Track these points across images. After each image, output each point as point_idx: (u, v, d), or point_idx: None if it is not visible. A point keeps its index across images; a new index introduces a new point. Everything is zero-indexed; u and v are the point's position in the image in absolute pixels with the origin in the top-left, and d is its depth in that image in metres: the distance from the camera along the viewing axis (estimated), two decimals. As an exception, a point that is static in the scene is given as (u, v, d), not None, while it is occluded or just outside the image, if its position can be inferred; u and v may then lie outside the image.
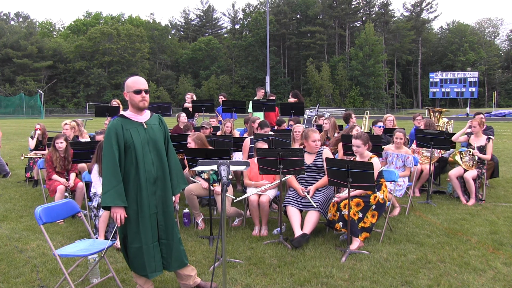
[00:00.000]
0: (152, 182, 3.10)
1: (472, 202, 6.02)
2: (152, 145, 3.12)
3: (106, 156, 3.03)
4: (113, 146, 3.01)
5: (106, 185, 2.98)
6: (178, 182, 3.29)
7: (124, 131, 3.05)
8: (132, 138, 3.05)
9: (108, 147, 3.02)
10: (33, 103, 45.64)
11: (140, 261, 3.09)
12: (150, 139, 3.12)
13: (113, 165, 3.00)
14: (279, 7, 66.80)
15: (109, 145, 3.02)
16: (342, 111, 49.17)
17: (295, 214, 4.62)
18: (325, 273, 3.73)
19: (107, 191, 2.97)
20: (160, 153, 3.17)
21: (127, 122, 3.10)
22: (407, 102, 66.67)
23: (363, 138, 4.74)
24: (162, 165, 3.16)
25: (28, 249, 4.38)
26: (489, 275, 3.68)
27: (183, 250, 3.28)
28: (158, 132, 3.19)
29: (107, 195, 2.96)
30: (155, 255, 3.12)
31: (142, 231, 3.06)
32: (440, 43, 68.37)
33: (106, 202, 2.97)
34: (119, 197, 2.97)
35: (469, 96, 47.96)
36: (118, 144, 3.03)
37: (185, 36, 77.34)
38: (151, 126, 3.17)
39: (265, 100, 8.90)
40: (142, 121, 3.14)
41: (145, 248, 3.07)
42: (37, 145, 7.80)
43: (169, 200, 3.20)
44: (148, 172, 3.08)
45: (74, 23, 68.29)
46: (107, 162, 3.02)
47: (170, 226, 3.18)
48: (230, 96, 53.95)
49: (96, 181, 4.82)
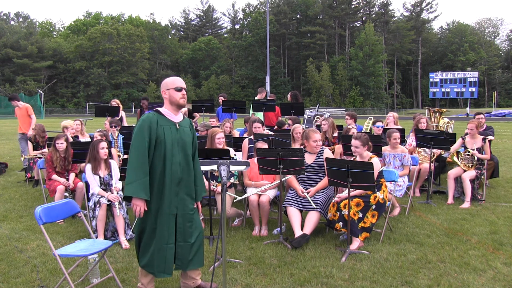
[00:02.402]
0: (176, 183, 3.10)
1: (467, 206, 5.93)
2: (181, 146, 3.14)
3: (136, 147, 3.01)
4: (145, 138, 3.01)
5: (132, 176, 2.96)
6: (201, 189, 3.31)
7: (158, 126, 3.07)
8: (164, 135, 3.07)
9: (140, 138, 3.01)
10: (33, 103, 45.47)
11: (150, 258, 3.08)
12: (181, 140, 3.15)
13: (143, 156, 2.99)
14: (279, 7, 66.81)
15: (142, 136, 3.02)
16: (342, 111, 49.26)
17: (295, 214, 4.62)
18: (325, 273, 3.73)
19: (132, 182, 2.94)
20: (187, 156, 3.19)
21: (162, 118, 3.12)
22: (407, 102, 66.70)
23: (363, 139, 4.74)
24: (188, 168, 3.18)
25: (28, 249, 4.38)
26: (489, 275, 3.68)
27: (203, 251, 3.29)
28: (188, 135, 3.22)
29: (132, 185, 2.94)
30: (167, 257, 3.09)
31: (158, 230, 3.06)
32: (440, 43, 68.39)
33: (129, 192, 2.94)
34: (144, 190, 2.96)
35: (469, 96, 48.00)
36: (150, 137, 3.03)
37: (185, 36, 77.35)
38: (183, 128, 3.20)
39: (265, 100, 8.90)
40: (176, 121, 3.17)
41: (158, 247, 3.06)
42: (35, 146, 7.79)
43: (190, 203, 3.19)
44: (174, 172, 3.08)
45: (74, 23, 68.26)
46: (136, 152, 3.00)
47: (188, 229, 3.16)
48: (230, 96, 53.96)
49: (91, 180, 4.81)
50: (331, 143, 6.72)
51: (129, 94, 58.45)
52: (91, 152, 4.88)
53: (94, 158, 4.86)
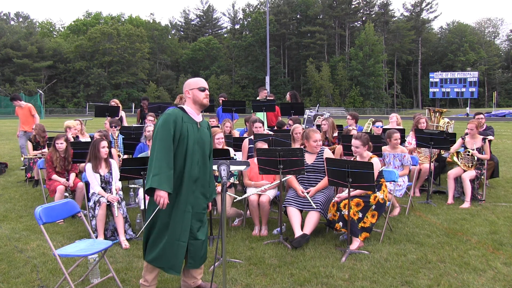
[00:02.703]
0: (193, 181, 3.12)
1: (467, 206, 5.94)
2: (200, 145, 3.17)
3: (161, 139, 3.00)
4: (171, 131, 3.02)
5: (157, 168, 2.94)
6: (213, 189, 3.37)
7: (183, 123, 3.09)
8: (187, 132, 3.09)
9: (166, 131, 3.01)
10: (33, 103, 45.33)
11: (160, 253, 3.08)
12: (200, 139, 3.18)
13: (168, 150, 3.00)
14: (279, 7, 66.84)
15: (167, 128, 3.02)
16: (342, 111, 49.29)
17: (296, 214, 4.62)
18: (325, 273, 3.73)
19: (157, 174, 2.92)
20: (205, 156, 3.24)
21: (186, 116, 3.15)
22: (407, 102, 66.72)
23: (363, 139, 4.74)
24: (204, 168, 3.21)
25: (28, 249, 4.38)
26: (489, 275, 3.68)
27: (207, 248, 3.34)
28: (206, 135, 3.28)
29: (157, 177, 2.92)
30: (178, 253, 3.10)
31: (171, 225, 3.07)
32: (440, 43, 68.42)
33: (154, 184, 2.91)
34: (167, 183, 2.96)
35: (469, 96, 48.02)
36: (174, 132, 3.04)
37: (185, 36, 77.37)
38: (203, 128, 3.25)
39: (265, 100, 8.90)
40: (197, 120, 3.21)
41: (169, 242, 3.07)
42: (35, 146, 7.80)
43: (203, 202, 3.23)
44: (192, 170, 3.10)
45: (74, 23, 68.29)
46: (161, 144, 2.99)
47: (201, 227, 3.19)
48: (230, 96, 53.95)
49: (92, 179, 4.81)
50: (331, 143, 6.72)
51: (129, 94, 58.47)
52: (92, 151, 4.89)
53: (95, 157, 4.86)
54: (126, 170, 4.57)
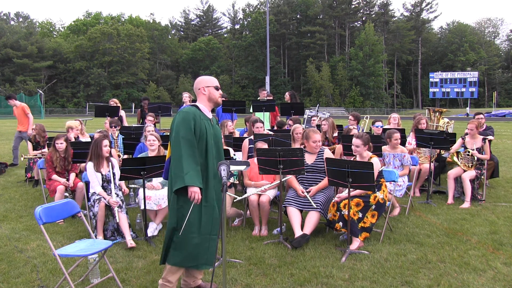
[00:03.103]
0: (213, 176, 3.16)
1: (467, 206, 5.94)
2: (215, 141, 3.23)
3: (184, 137, 3.01)
4: (191, 128, 3.04)
5: (186, 166, 2.95)
6: None
7: (201, 120, 3.13)
8: (206, 129, 3.13)
9: (187, 128, 3.03)
10: (33, 103, 45.53)
11: (193, 252, 3.07)
12: (215, 136, 3.24)
13: (193, 146, 3.03)
14: (279, 7, 66.82)
15: (188, 126, 3.04)
16: (342, 111, 49.29)
17: (296, 214, 4.62)
18: (325, 273, 3.73)
19: (188, 172, 2.95)
20: (220, 151, 3.31)
21: (201, 113, 3.18)
22: (407, 102, 66.70)
23: (364, 139, 4.74)
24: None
25: (28, 249, 4.38)
26: (489, 275, 3.68)
27: None
28: (219, 132, 3.38)
29: (189, 175, 2.94)
30: (209, 247, 3.12)
31: (203, 221, 3.08)
32: (440, 43, 68.40)
33: (188, 182, 2.93)
34: (199, 179, 3.00)
35: (469, 96, 48.01)
36: (194, 129, 3.07)
37: (185, 36, 77.35)
38: (215, 124, 3.32)
39: (265, 100, 8.90)
40: (209, 117, 3.26)
41: (202, 238, 3.07)
42: (35, 146, 7.80)
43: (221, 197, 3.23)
44: (213, 165, 3.15)
45: (74, 23, 68.26)
46: (186, 142, 3.01)
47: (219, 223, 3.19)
48: (230, 96, 53.94)
49: (93, 179, 4.80)
50: (331, 143, 6.72)
51: (129, 94, 58.46)
52: (93, 150, 4.86)
53: (97, 156, 4.85)
54: (126, 170, 4.57)
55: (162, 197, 4.91)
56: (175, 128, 3.08)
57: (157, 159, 4.82)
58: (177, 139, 3.03)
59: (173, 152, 3.06)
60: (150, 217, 4.95)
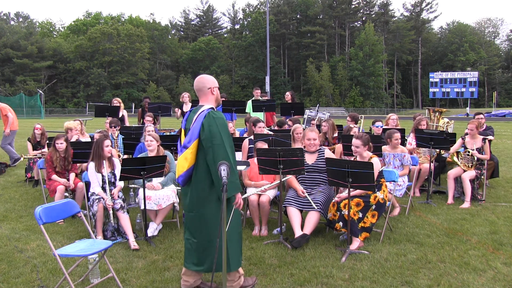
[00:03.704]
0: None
1: (467, 206, 5.94)
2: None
3: (229, 145, 3.09)
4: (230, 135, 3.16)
5: (236, 173, 3.14)
6: None
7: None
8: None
9: (229, 135, 3.14)
10: (33, 103, 45.59)
11: (239, 251, 3.28)
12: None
13: (234, 153, 3.16)
14: (279, 7, 66.81)
15: (229, 133, 3.16)
16: (342, 111, 49.28)
17: (296, 214, 4.62)
18: (325, 273, 3.73)
19: (237, 179, 3.11)
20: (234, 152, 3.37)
21: None
22: (407, 102, 66.69)
23: (364, 139, 4.73)
24: None
25: (28, 249, 4.38)
26: (489, 275, 3.68)
27: None
28: None
29: (237, 182, 3.10)
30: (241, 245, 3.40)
31: (239, 223, 3.30)
32: (440, 43, 68.41)
33: (238, 190, 3.08)
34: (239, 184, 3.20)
35: (469, 96, 47.99)
36: None
37: (185, 36, 77.33)
38: None
39: (265, 100, 8.90)
40: None
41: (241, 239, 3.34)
42: (35, 146, 7.80)
43: None
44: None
45: (74, 23, 68.24)
46: (231, 150, 3.10)
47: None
48: (230, 96, 53.94)
49: (93, 179, 4.80)
50: (331, 144, 6.71)
51: (129, 94, 58.44)
52: (95, 150, 4.85)
53: (99, 156, 4.83)
54: (126, 170, 4.57)
55: (162, 197, 4.91)
56: (217, 134, 3.03)
57: (157, 159, 4.82)
58: (223, 145, 3.03)
59: (219, 158, 2.97)
60: (150, 217, 4.95)
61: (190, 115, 3.29)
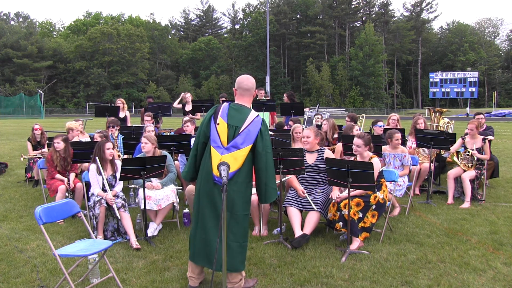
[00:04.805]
0: None
1: (467, 206, 5.94)
2: None
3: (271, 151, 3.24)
4: None
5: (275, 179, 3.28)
6: None
7: None
8: None
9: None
10: (33, 103, 45.60)
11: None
12: None
13: None
14: (279, 7, 66.82)
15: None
16: (342, 111, 49.28)
17: (296, 214, 4.62)
18: (325, 273, 3.73)
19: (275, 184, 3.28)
20: None
21: None
22: (407, 102, 66.70)
23: (365, 139, 4.73)
24: None
25: (28, 249, 4.37)
26: (489, 275, 3.68)
27: None
28: None
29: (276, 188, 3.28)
30: None
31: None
32: (440, 43, 68.42)
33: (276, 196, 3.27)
34: None
35: (469, 96, 47.98)
36: None
37: (185, 36, 77.35)
38: None
39: (265, 100, 8.89)
40: None
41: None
42: (35, 146, 7.80)
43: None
44: None
45: (74, 23, 68.28)
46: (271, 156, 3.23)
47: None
48: (230, 96, 53.82)
49: (94, 181, 4.79)
50: (331, 144, 6.70)
51: (129, 94, 58.45)
52: (97, 153, 4.85)
53: (100, 159, 4.82)
54: (126, 170, 4.57)
55: (162, 197, 4.90)
56: (269, 143, 3.20)
57: (157, 159, 4.81)
58: (272, 154, 3.24)
59: (270, 165, 3.21)
60: (150, 217, 4.94)
61: (230, 111, 3.20)
